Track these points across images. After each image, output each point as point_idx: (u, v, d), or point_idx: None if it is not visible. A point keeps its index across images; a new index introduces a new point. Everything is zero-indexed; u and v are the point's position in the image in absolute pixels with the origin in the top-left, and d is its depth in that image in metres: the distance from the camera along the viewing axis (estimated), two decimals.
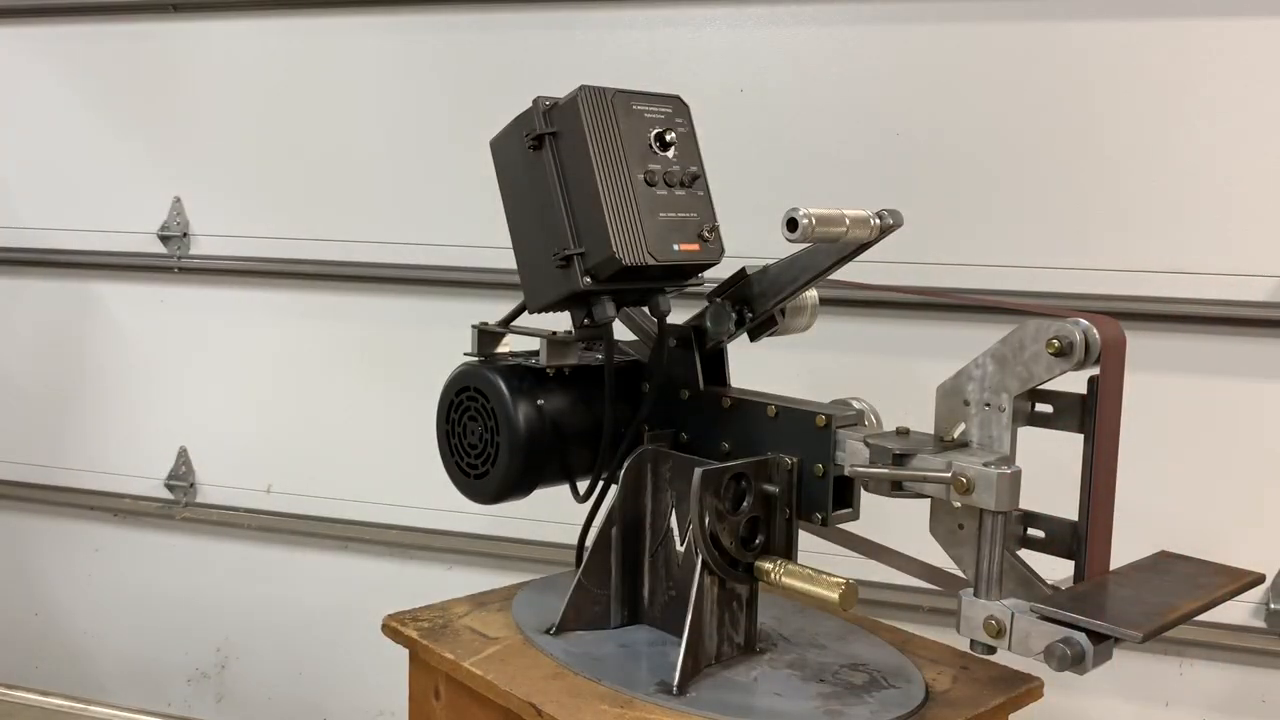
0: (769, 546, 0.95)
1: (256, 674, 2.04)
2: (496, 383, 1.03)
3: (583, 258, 0.92)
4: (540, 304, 0.98)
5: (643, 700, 0.89)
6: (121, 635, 2.10)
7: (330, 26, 1.85)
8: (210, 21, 1.91)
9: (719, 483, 0.92)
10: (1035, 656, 0.80)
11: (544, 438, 1.03)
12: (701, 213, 0.97)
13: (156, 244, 1.96)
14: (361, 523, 1.90)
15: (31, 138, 2.02)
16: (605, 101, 0.93)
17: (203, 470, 2.00)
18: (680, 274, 0.98)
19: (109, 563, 2.09)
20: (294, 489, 1.94)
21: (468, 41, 1.77)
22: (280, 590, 1.99)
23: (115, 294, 2.02)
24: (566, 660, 0.96)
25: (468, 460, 1.06)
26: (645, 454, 1.02)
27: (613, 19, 1.70)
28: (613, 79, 0.97)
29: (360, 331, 1.89)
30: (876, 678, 0.96)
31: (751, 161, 1.58)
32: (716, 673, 0.95)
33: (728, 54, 1.64)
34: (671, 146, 0.96)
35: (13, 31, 2.01)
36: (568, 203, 0.93)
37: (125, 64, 1.95)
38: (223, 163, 1.92)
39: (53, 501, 2.09)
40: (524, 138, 0.96)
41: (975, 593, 0.85)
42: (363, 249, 1.84)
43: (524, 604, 1.11)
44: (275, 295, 1.93)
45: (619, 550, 1.02)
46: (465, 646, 1.00)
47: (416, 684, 1.07)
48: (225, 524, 1.99)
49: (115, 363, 2.03)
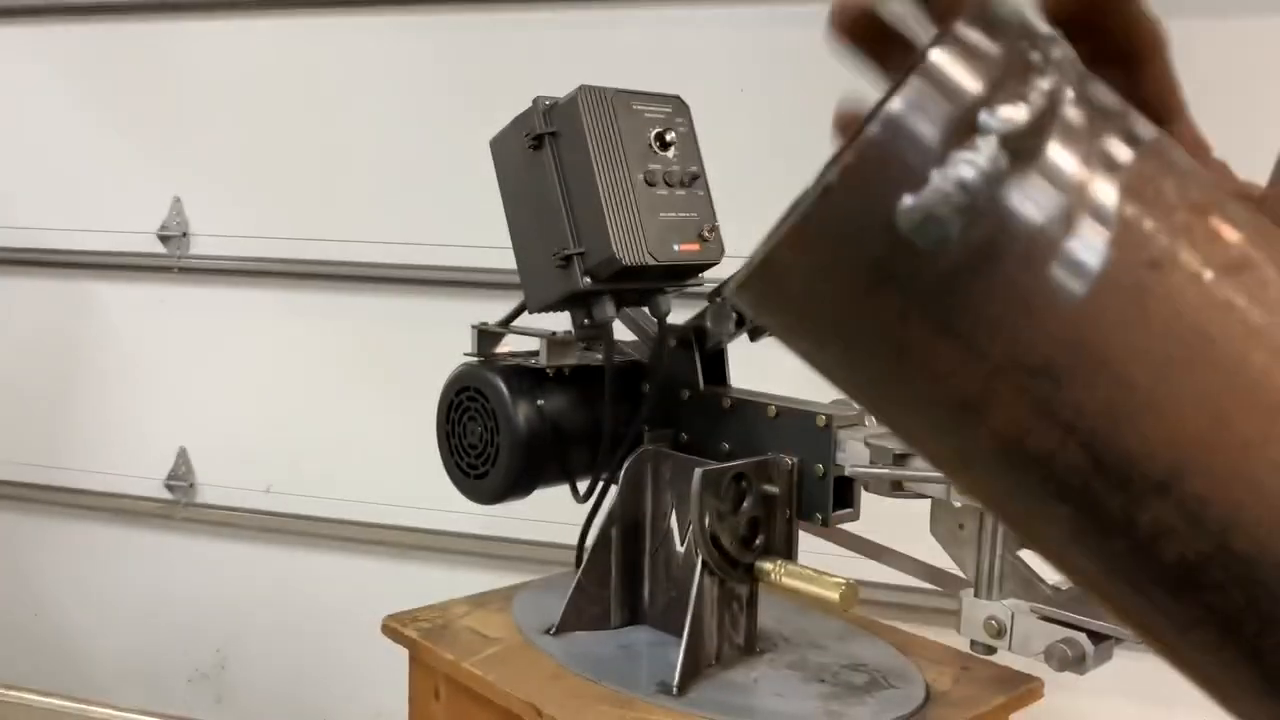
0: (769, 547, 0.95)
1: (256, 674, 2.04)
2: (496, 383, 1.03)
3: (583, 258, 0.92)
4: (540, 304, 0.98)
5: (643, 701, 0.89)
6: (120, 636, 2.10)
7: (330, 26, 1.84)
8: (210, 21, 1.91)
9: (719, 483, 0.92)
10: (1036, 657, 0.80)
11: (544, 438, 1.03)
12: (701, 213, 0.97)
13: (156, 244, 1.96)
14: (361, 523, 1.90)
15: (30, 137, 2.02)
16: (605, 101, 0.93)
17: (202, 470, 2.00)
18: (680, 274, 0.98)
19: (108, 563, 2.08)
20: (294, 489, 1.94)
21: (468, 41, 1.77)
22: (280, 590, 1.98)
23: (114, 294, 2.02)
24: (566, 661, 0.96)
25: (468, 460, 1.06)
26: (645, 454, 1.02)
27: (613, 19, 1.70)
28: (613, 79, 0.97)
29: (361, 331, 1.89)
30: (877, 678, 0.96)
31: (751, 161, 1.58)
32: (717, 673, 0.95)
33: (728, 54, 1.64)
34: (671, 146, 0.96)
35: (11, 31, 2.01)
36: (567, 203, 0.93)
37: (124, 63, 1.95)
38: (223, 162, 1.92)
39: (51, 502, 2.08)
40: (524, 137, 0.96)
41: (976, 593, 0.85)
42: (363, 249, 1.84)
43: (524, 604, 1.10)
44: (276, 295, 1.93)
45: (619, 551, 1.02)
46: (465, 647, 1.00)
47: (416, 684, 1.07)
48: (225, 524, 1.99)
49: (114, 363, 2.03)
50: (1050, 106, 0.28)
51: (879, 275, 0.28)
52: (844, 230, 0.28)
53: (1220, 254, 0.28)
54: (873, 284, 0.28)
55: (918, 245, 0.27)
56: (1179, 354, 0.27)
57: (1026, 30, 0.29)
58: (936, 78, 0.27)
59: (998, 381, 0.28)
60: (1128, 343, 0.27)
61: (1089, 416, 0.28)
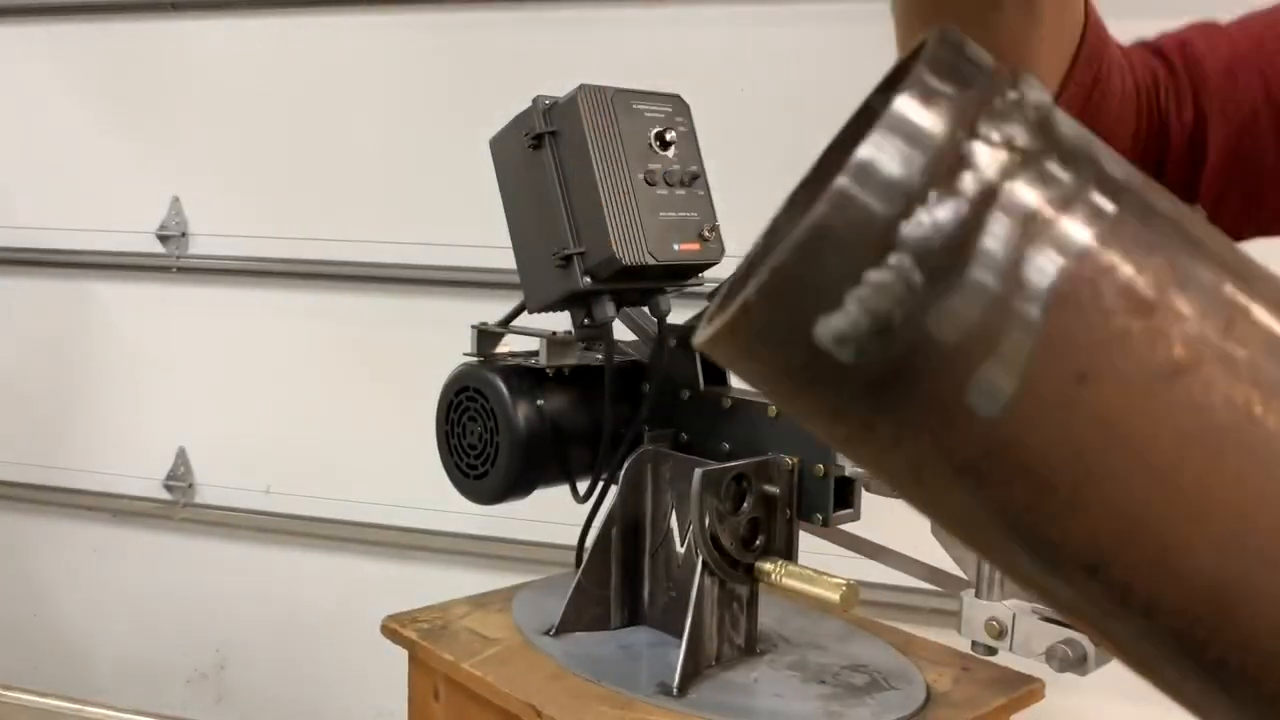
0: (769, 547, 0.95)
1: (256, 675, 2.03)
2: (496, 383, 1.02)
3: (582, 257, 0.92)
4: (540, 304, 0.98)
5: (643, 701, 0.89)
6: (119, 636, 2.10)
7: (330, 26, 1.84)
8: (209, 21, 1.91)
9: (719, 483, 0.92)
10: (1037, 658, 0.80)
11: (544, 438, 1.02)
12: (702, 212, 0.96)
13: (155, 243, 1.95)
14: (361, 523, 1.90)
15: (28, 137, 2.01)
16: (605, 101, 0.93)
17: (201, 470, 2.00)
18: (680, 274, 0.98)
19: (107, 563, 2.08)
20: (293, 489, 1.94)
21: (467, 41, 1.77)
22: (280, 591, 1.98)
23: (113, 294, 2.02)
24: (566, 661, 0.96)
25: (467, 461, 1.06)
26: (645, 454, 1.02)
27: (613, 19, 1.70)
28: (613, 79, 0.97)
29: (360, 331, 1.89)
30: (878, 679, 0.96)
31: (751, 161, 1.58)
32: (717, 674, 0.95)
33: (728, 54, 1.64)
34: (672, 146, 0.96)
35: (11, 31, 2.01)
36: (567, 202, 0.93)
37: (123, 63, 1.95)
38: (222, 162, 1.92)
39: (50, 502, 2.08)
40: (523, 137, 0.95)
41: (976, 594, 0.85)
42: (362, 249, 1.84)
43: (524, 605, 1.10)
44: (275, 295, 1.93)
45: (619, 551, 1.02)
46: (465, 648, 1.00)
47: (416, 685, 1.07)
48: (224, 524, 1.98)
49: (113, 363, 2.03)
50: (978, 211, 0.26)
51: (806, 379, 0.28)
52: (767, 339, 0.28)
53: (1161, 358, 0.27)
54: (801, 386, 0.28)
55: (836, 360, 0.27)
56: (1099, 464, 0.27)
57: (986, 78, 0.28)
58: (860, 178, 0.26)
59: (925, 470, 0.29)
60: (1048, 453, 0.27)
61: (1013, 510, 0.28)
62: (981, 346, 0.26)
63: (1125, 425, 0.27)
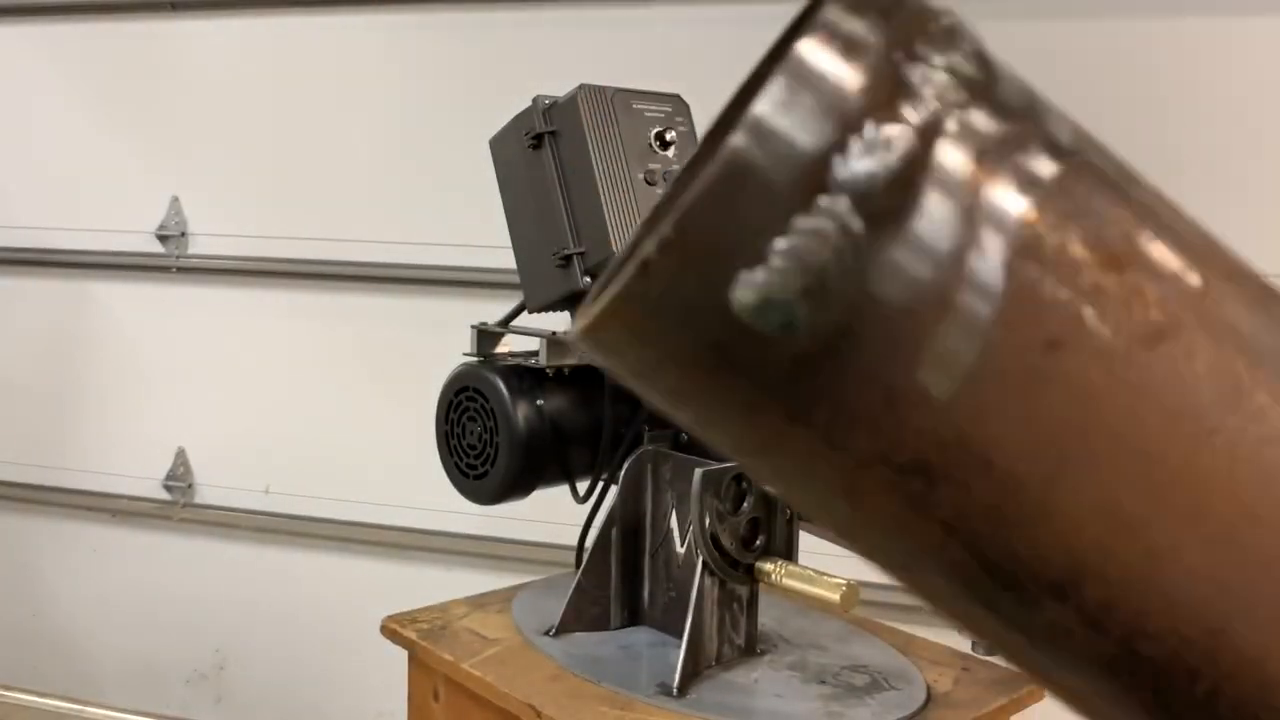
0: (770, 547, 0.95)
1: (255, 675, 2.03)
2: (496, 383, 1.02)
3: (582, 257, 0.92)
4: (539, 303, 0.98)
5: (643, 702, 0.89)
6: (119, 636, 2.10)
7: (329, 25, 1.84)
8: (209, 21, 1.91)
9: (720, 483, 0.92)
10: None
11: (543, 438, 1.02)
12: None
13: (154, 243, 1.95)
14: (360, 523, 1.90)
15: (28, 137, 2.01)
16: (605, 100, 0.93)
17: (201, 471, 2.00)
18: None
19: (107, 563, 2.08)
20: (292, 489, 1.94)
21: (467, 41, 1.77)
22: (279, 591, 1.98)
23: (113, 294, 2.02)
24: (566, 662, 0.96)
25: (467, 461, 1.06)
26: (645, 454, 1.02)
27: (613, 19, 1.70)
28: (613, 79, 0.97)
29: (359, 331, 1.88)
30: (878, 679, 0.96)
31: None
32: (717, 674, 0.94)
33: (728, 54, 1.63)
34: (672, 145, 0.96)
35: (11, 31, 2.01)
36: (567, 202, 0.93)
37: (123, 63, 1.95)
38: (221, 162, 1.91)
39: (50, 502, 2.08)
40: (523, 136, 0.95)
41: None
42: (361, 249, 1.84)
43: (523, 605, 1.10)
44: (274, 295, 1.92)
45: (619, 551, 1.02)
46: (464, 648, 1.00)
47: (415, 685, 1.07)
48: (223, 524, 1.98)
49: (113, 363, 2.03)
50: (926, 142, 0.21)
51: (715, 363, 0.23)
52: (669, 311, 0.22)
53: (1138, 319, 0.22)
54: (709, 375, 0.23)
55: (757, 331, 0.21)
56: (1077, 451, 0.22)
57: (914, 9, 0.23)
58: (781, 105, 0.21)
59: (862, 476, 0.24)
60: (1015, 440, 0.22)
61: (970, 519, 0.23)
62: (934, 307, 0.21)
63: (1104, 401, 0.22)
